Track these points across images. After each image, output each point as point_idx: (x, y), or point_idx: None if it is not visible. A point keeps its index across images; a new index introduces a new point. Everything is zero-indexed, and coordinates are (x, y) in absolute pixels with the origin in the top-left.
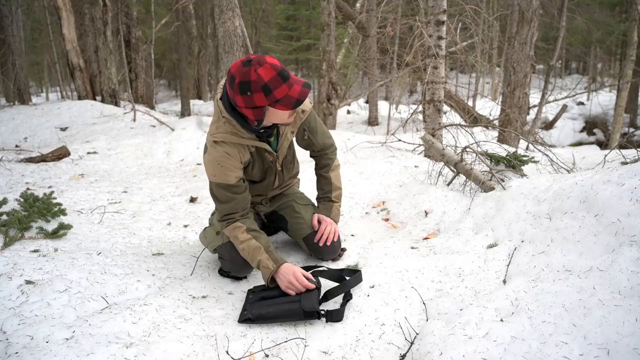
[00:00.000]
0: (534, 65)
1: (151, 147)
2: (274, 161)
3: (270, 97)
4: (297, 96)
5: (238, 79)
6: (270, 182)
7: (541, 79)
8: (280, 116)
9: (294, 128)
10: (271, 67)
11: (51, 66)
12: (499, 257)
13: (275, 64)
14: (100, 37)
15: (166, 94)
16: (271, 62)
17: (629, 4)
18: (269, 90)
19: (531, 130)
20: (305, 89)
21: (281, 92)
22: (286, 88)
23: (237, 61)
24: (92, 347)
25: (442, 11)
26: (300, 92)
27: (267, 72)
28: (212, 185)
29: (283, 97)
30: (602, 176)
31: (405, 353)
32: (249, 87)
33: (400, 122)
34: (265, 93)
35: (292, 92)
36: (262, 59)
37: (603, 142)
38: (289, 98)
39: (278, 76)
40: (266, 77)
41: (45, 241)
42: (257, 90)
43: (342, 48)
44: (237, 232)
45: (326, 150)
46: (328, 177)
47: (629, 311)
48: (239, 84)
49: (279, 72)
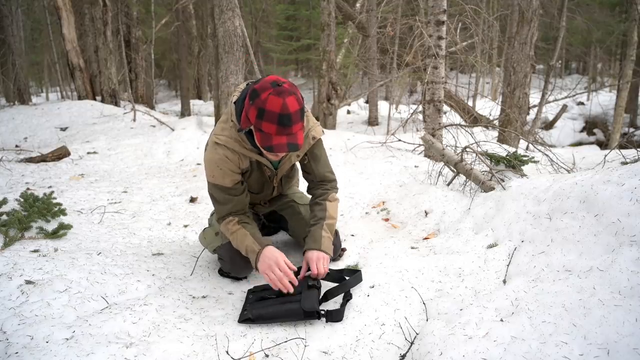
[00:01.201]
0: (534, 65)
1: (151, 147)
2: (272, 176)
3: (257, 123)
4: (272, 143)
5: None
6: (267, 193)
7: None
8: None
9: (300, 153)
10: (283, 105)
11: (51, 66)
12: (499, 257)
13: (289, 105)
14: (100, 37)
15: (166, 94)
16: (290, 102)
17: (629, 4)
18: (262, 115)
19: (531, 130)
20: (289, 149)
21: (268, 128)
22: (274, 129)
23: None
24: (92, 347)
25: (442, 11)
26: (278, 146)
27: (275, 105)
28: (210, 186)
29: (265, 132)
30: (602, 176)
31: (405, 353)
32: (255, 96)
33: (400, 122)
34: (259, 115)
35: (275, 138)
36: (287, 92)
37: (603, 142)
38: (268, 138)
39: (278, 116)
40: (271, 106)
41: (45, 241)
42: (257, 106)
43: (342, 48)
44: (229, 225)
45: (325, 182)
46: (323, 204)
47: (629, 311)
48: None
49: (282, 114)
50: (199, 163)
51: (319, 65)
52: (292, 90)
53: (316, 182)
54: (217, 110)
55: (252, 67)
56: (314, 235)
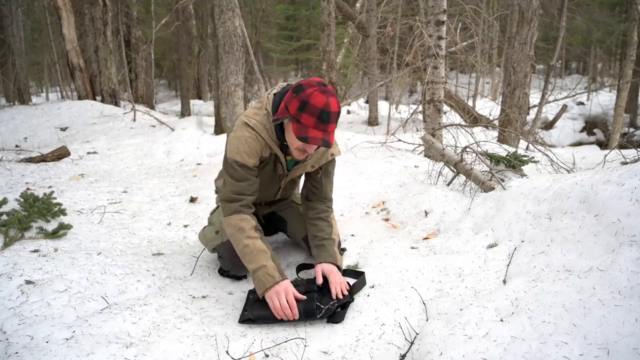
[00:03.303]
0: (534, 65)
1: (151, 147)
2: (282, 176)
3: (297, 114)
4: (308, 135)
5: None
6: (272, 193)
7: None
8: (291, 137)
9: (316, 164)
10: (326, 103)
11: (51, 66)
12: (499, 257)
13: (331, 104)
14: (100, 37)
15: (166, 94)
16: (332, 102)
17: (629, 4)
18: (304, 108)
19: (531, 130)
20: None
21: (307, 121)
22: (313, 122)
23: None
24: (92, 347)
25: (442, 11)
26: (312, 139)
27: (319, 101)
28: (230, 163)
29: (303, 123)
30: (602, 176)
31: (405, 353)
32: (300, 90)
33: (400, 122)
34: (300, 107)
35: (312, 131)
36: (331, 93)
37: (603, 142)
38: (305, 129)
39: (320, 111)
40: (314, 100)
41: (45, 241)
42: (300, 98)
43: (342, 48)
44: (244, 224)
45: (326, 200)
46: (329, 221)
47: (629, 311)
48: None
49: (323, 110)
50: (199, 163)
51: (319, 65)
52: (334, 94)
53: (319, 198)
54: (217, 110)
55: (252, 67)
56: (328, 250)
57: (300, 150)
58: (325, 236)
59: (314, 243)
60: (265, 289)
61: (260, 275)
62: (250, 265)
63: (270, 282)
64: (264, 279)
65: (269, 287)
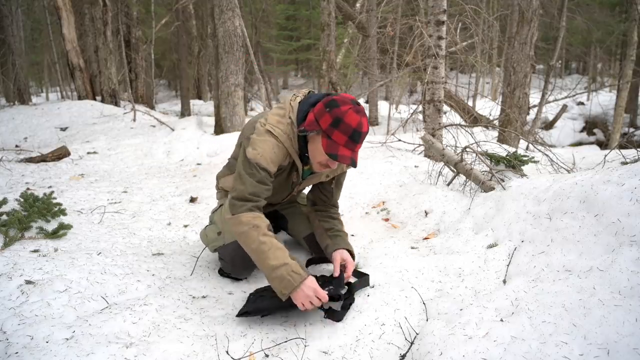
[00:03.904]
0: (534, 65)
1: (151, 147)
2: (295, 184)
3: (329, 129)
4: (338, 153)
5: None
6: (281, 197)
7: (541, 79)
8: (316, 151)
9: (331, 174)
10: (359, 123)
11: (51, 66)
12: (499, 257)
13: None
14: (100, 37)
15: (166, 94)
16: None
17: (629, 4)
18: (337, 125)
19: (531, 130)
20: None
21: (339, 138)
22: (344, 140)
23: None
24: (92, 347)
25: (442, 11)
26: (342, 157)
27: (354, 120)
28: (252, 164)
29: (334, 140)
30: (602, 176)
31: (405, 353)
32: (334, 105)
33: (400, 122)
34: (334, 123)
35: (341, 149)
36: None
37: (603, 142)
38: (335, 147)
39: (353, 131)
40: (349, 119)
41: (45, 241)
42: (334, 114)
43: (342, 48)
44: (259, 222)
45: (335, 206)
46: (340, 219)
47: (629, 311)
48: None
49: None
50: (199, 163)
51: (319, 65)
52: (365, 114)
53: (328, 204)
54: (217, 110)
55: (252, 67)
56: (344, 239)
57: (322, 165)
58: (339, 229)
59: (328, 234)
60: (293, 288)
61: (284, 273)
62: (269, 262)
63: (298, 280)
64: (290, 277)
65: (297, 286)
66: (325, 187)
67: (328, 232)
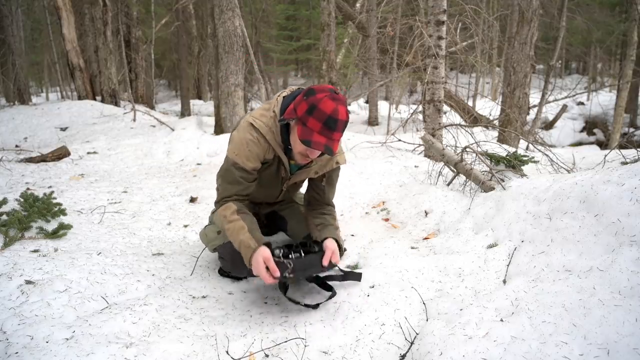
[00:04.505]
0: (534, 65)
1: (151, 147)
2: (285, 179)
3: (303, 116)
4: (312, 139)
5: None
6: (273, 194)
7: (541, 79)
8: (294, 139)
9: (320, 171)
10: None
11: (51, 66)
12: (499, 257)
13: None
14: (100, 37)
15: (166, 94)
16: (341, 110)
17: (629, 4)
18: (312, 111)
19: (531, 130)
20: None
21: (313, 125)
22: (318, 127)
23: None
24: (92, 347)
25: (442, 11)
26: (315, 143)
27: (328, 107)
28: (226, 163)
29: (309, 127)
30: (602, 176)
31: (405, 353)
32: (311, 94)
33: (400, 122)
34: (308, 110)
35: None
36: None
37: (603, 142)
38: (309, 133)
39: (327, 117)
40: (323, 106)
41: (45, 241)
42: (310, 102)
43: (342, 48)
44: (226, 211)
45: (329, 205)
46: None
47: (629, 311)
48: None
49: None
50: (199, 163)
51: (319, 65)
52: (345, 102)
53: (322, 203)
54: (217, 110)
55: (252, 67)
56: (331, 231)
57: (302, 155)
58: (329, 222)
59: (317, 228)
60: (248, 261)
61: (242, 251)
62: (235, 246)
63: (249, 253)
64: (245, 252)
65: (249, 259)
66: (317, 185)
67: (318, 227)
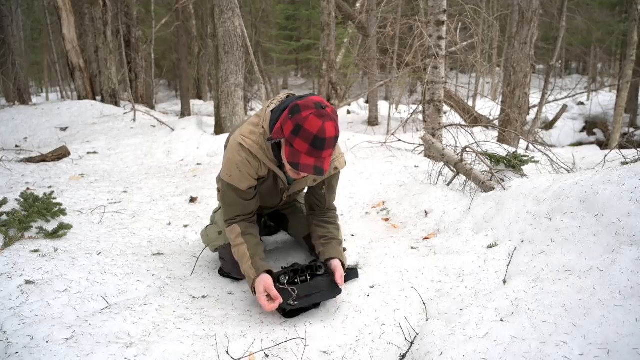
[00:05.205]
0: (534, 65)
1: (151, 147)
2: (284, 190)
3: (290, 137)
4: (300, 162)
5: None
6: (275, 203)
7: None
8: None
9: (319, 178)
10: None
11: (51, 66)
12: (499, 257)
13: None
14: (100, 37)
15: (166, 94)
16: (329, 128)
17: (629, 4)
18: (297, 132)
19: (531, 130)
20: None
21: (300, 146)
22: (305, 148)
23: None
24: (92, 347)
25: (442, 11)
26: (304, 166)
27: (314, 126)
28: (223, 185)
29: (296, 149)
30: (602, 176)
31: (405, 353)
32: (296, 111)
33: (400, 122)
34: (294, 131)
35: (304, 158)
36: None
37: (603, 142)
38: (297, 155)
39: (314, 138)
40: (309, 125)
41: (45, 241)
42: (295, 121)
43: (342, 48)
44: (232, 235)
45: (331, 210)
46: (337, 224)
47: (629, 311)
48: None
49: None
50: (199, 163)
51: (319, 65)
52: (333, 117)
53: (324, 209)
54: (217, 110)
55: (252, 67)
56: (335, 248)
57: (294, 172)
58: (332, 236)
59: (321, 242)
60: (251, 287)
61: (247, 278)
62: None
63: (251, 283)
64: (249, 282)
65: (251, 287)
66: (316, 192)
67: (321, 240)
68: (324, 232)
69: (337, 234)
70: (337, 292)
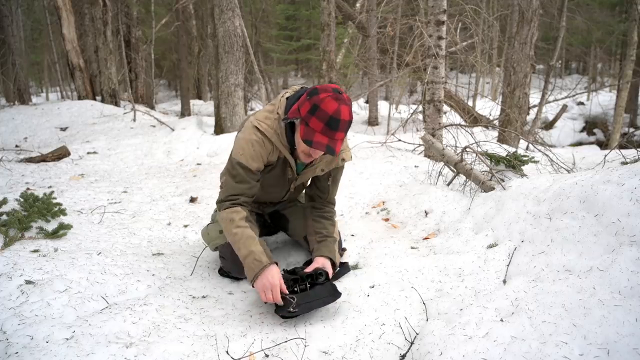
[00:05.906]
0: (534, 65)
1: (151, 147)
2: (292, 180)
3: (306, 116)
4: (313, 139)
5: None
6: (280, 195)
7: (541, 79)
8: (298, 140)
9: (326, 168)
10: (337, 110)
11: (51, 66)
12: (499, 257)
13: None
14: (100, 37)
15: (166, 94)
16: (344, 110)
17: (629, 4)
18: (314, 111)
19: (531, 130)
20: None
21: (315, 125)
22: (320, 127)
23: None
24: (92, 347)
25: (442, 11)
26: (317, 143)
27: (330, 107)
28: (232, 163)
29: (311, 127)
30: (602, 176)
31: (405, 353)
32: (314, 93)
33: (400, 122)
34: (311, 110)
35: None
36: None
37: (603, 142)
38: (311, 133)
39: (329, 118)
40: (326, 106)
41: (45, 241)
42: (312, 101)
43: (342, 48)
44: (234, 215)
45: (332, 203)
46: (333, 220)
47: (629, 311)
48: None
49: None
50: (199, 163)
51: (319, 65)
52: (348, 103)
53: (325, 201)
54: (217, 110)
55: (252, 67)
56: (328, 247)
57: (306, 154)
58: (327, 234)
59: (316, 239)
60: (255, 275)
61: (249, 262)
62: (239, 252)
63: (258, 267)
64: (253, 265)
65: (257, 273)
66: (321, 183)
67: (317, 236)
68: (320, 228)
69: (332, 230)
70: (337, 296)
